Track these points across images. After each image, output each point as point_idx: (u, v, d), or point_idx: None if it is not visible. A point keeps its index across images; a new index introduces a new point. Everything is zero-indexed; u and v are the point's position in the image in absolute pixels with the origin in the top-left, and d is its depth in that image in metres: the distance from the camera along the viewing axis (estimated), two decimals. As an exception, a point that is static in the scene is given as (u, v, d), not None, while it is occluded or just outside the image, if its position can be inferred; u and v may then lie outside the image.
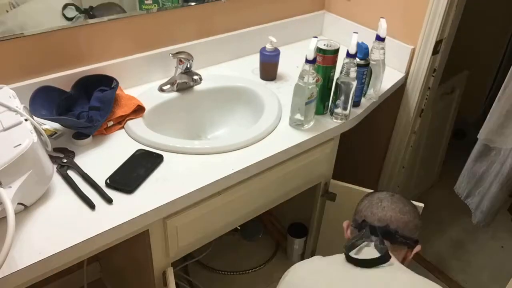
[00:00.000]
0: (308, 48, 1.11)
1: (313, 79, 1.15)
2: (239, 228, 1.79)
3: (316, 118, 1.26)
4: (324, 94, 1.25)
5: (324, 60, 1.20)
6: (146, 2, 1.26)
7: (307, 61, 1.12)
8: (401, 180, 1.77)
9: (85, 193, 0.95)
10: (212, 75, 1.43)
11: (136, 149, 1.10)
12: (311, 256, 1.08)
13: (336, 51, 1.20)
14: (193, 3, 1.37)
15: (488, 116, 1.31)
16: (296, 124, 1.23)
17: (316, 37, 1.14)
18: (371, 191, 1.41)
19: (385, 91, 1.44)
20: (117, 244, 0.97)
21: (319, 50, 1.19)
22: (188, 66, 1.31)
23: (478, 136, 1.34)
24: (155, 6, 1.29)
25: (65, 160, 1.03)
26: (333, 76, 1.24)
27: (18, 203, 0.87)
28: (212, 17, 1.44)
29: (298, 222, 1.73)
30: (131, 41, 1.29)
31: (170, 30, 1.36)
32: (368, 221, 1.04)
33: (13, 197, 0.82)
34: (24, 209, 0.91)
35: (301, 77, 1.15)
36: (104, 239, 0.89)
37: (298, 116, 1.21)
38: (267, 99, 1.32)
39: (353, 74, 1.19)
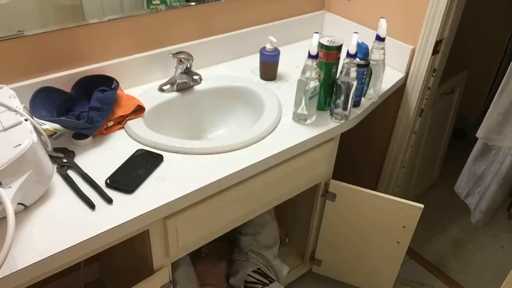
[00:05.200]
0: (312, 43, 1.12)
1: (316, 74, 1.15)
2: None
3: (317, 116, 1.27)
4: (326, 90, 1.26)
5: (326, 56, 1.21)
6: (153, 2, 1.26)
7: (309, 56, 1.13)
8: (401, 180, 1.77)
9: (85, 193, 0.95)
10: (212, 75, 1.43)
11: (136, 149, 1.10)
12: (311, 256, 1.08)
13: (339, 48, 1.21)
14: (193, 3, 1.37)
15: (487, 115, 1.31)
16: (299, 119, 1.24)
17: (317, 32, 1.14)
18: (371, 191, 1.42)
19: (385, 91, 1.44)
20: (117, 244, 0.97)
21: (322, 46, 1.19)
22: (188, 66, 1.31)
23: (477, 135, 1.34)
24: (162, 5, 1.29)
25: (65, 160, 1.03)
26: (335, 72, 1.25)
27: (18, 203, 0.87)
28: (212, 17, 1.44)
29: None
30: (131, 41, 1.29)
31: (170, 30, 1.36)
32: None
33: (13, 197, 0.82)
34: (24, 209, 0.91)
35: (303, 72, 1.16)
36: (104, 239, 0.89)
37: (300, 111, 1.22)
38: (267, 99, 1.32)
39: (353, 74, 1.19)
